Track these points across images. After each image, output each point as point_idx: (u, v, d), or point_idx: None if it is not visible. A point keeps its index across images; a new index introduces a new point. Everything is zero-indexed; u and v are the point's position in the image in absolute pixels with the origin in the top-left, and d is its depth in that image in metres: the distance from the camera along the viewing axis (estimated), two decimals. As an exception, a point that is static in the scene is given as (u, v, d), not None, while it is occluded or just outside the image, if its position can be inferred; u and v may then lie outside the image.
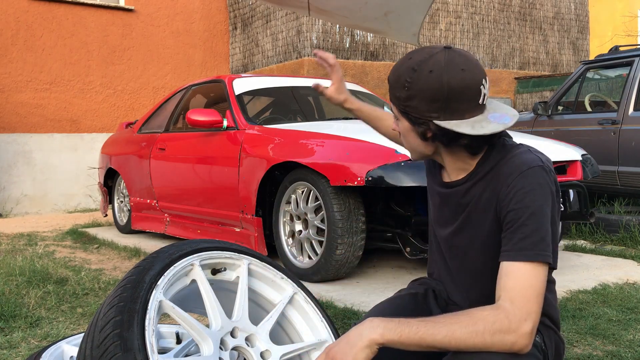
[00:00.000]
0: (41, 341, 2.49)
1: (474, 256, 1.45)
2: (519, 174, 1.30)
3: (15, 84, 8.23)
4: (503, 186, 1.32)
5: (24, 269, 3.60)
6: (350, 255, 3.45)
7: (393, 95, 1.40)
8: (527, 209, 1.27)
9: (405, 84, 1.34)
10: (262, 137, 4.01)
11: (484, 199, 1.38)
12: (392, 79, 1.39)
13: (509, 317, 1.18)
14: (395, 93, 1.38)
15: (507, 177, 1.32)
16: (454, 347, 1.18)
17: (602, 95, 6.30)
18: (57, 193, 8.47)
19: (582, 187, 3.66)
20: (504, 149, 1.40)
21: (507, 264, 1.25)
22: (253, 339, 1.47)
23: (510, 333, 1.17)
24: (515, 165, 1.33)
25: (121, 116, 8.94)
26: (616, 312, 2.81)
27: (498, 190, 1.34)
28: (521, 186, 1.29)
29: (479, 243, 1.43)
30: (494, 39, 9.76)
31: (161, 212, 5.15)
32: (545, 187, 1.29)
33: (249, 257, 1.58)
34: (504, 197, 1.31)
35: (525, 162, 1.32)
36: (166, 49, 9.30)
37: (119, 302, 1.25)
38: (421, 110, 1.32)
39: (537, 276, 1.23)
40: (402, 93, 1.35)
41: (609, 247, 4.56)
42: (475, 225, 1.42)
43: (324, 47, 8.13)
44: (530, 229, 1.25)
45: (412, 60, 1.34)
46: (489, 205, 1.37)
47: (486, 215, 1.38)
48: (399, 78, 1.37)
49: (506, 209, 1.30)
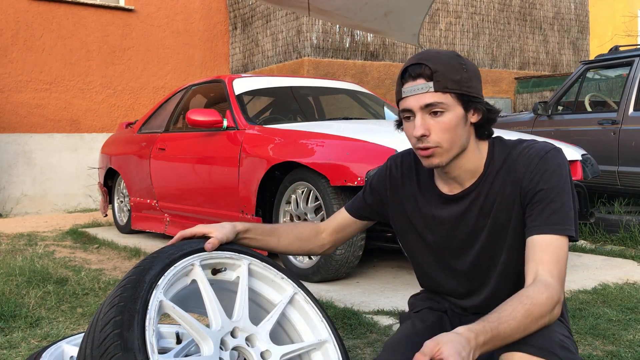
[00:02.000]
0: (41, 341, 2.49)
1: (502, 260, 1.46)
2: (540, 159, 1.40)
3: (15, 84, 8.23)
4: (526, 173, 1.40)
5: (24, 269, 3.60)
6: (350, 255, 3.45)
7: (450, 80, 1.38)
8: (554, 188, 1.37)
9: (462, 66, 1.40)
10: (262, 137, 4.01)
11: (506, 194, 1.44)
12: (443, 67, 1.38)
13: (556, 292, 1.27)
14: (453, 77, 1.38)
15: (528, 165, 1.40)
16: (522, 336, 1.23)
17: (602, 95, 6.30)
18: (57, 193, 8.47)
19: (582, 187, 3.66)
20: (506, 145, 1.48)
21: (539, 237, 1.34)
22: (253, 339, 1.47)
23: (557, 305, 1.27)
24: (532, 154, 1.42)
25: (121, 116, 8.94)
26: (616, 312, 2.81)
27: (520, 180, 1.41)
28: (545, 169, 1.39)
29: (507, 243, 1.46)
30: (494, 39, 9.76)
31: (161, 212, 5.15)
32: (563, 166, 1.41)
33: (249, 257, 1.57)
34: (529, 182, 1.39)
35: (541, 148, 1.42)
36: (166, 49, 9.30)
37: (119, 302, 1.24)
38: (478, 90, 1.42)
39: (565, 248, 1.34)
40: (463, 75, 1.39)
41: (609, 247, 4.56)
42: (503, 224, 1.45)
43: (324, 47, 8.13)
44: (557, 205, 1.35)
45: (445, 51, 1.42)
46: (513, 198, 1.43)
47: (512, 209, 1.43)
48: (451, 63, 1.39)
49: (534, 191, 1.38)
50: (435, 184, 1.54)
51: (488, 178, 1.46)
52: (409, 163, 1.62)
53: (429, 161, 1.42)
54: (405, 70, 1.42)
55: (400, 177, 1.62)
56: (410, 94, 1.40)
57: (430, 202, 1.54)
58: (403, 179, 1.61)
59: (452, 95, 1.39)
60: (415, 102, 1.40)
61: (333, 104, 5.74)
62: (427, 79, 1.39)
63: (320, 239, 1.72)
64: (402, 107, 1.43)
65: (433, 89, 1.38)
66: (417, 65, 1.40)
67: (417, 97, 1.39)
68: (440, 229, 1.53)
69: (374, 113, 5.12)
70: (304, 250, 1.72)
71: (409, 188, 1.59)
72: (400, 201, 1.61)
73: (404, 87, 1.42)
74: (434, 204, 1.54)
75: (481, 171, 1.47)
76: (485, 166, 1.47)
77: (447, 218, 1.51)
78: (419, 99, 1.39)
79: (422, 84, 1.39)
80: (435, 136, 1.39)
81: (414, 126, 1.41)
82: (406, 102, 1.41)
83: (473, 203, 1.48)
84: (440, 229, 1.53)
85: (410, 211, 1.58)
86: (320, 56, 8.11)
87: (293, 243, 1.69)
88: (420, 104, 1.39)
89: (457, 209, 1.50)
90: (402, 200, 1.60)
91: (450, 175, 1.48)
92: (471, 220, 1.48)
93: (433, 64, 1.38)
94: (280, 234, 1.67)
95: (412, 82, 1.40)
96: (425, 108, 1.39)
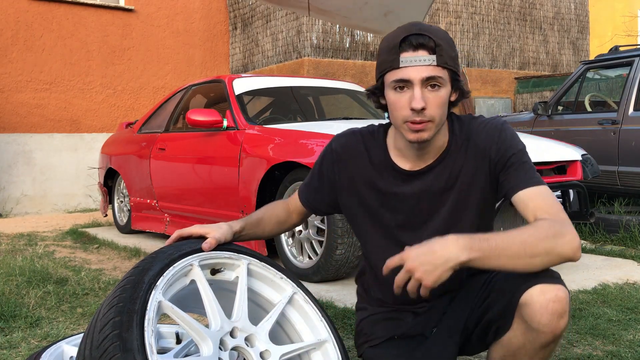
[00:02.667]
0: (41, 341, 2.49)
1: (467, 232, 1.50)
2: (500, 131, 1.49)
3: (15, 84, 8.23)
4: (492, 145, 1.48)
5: (24, 269, 3.60)
6: (350, 255, 3.45)
7: (448, 56, 1.39)
8: (522, 151, 1.48)
9: (454, 45, 1.43)
10: (262, 137, 4.00)
11: (471, 166, 1.49)
12: (444, 42, 1.38)
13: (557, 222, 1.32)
14: (451, 54, 1.40)
15: (491, 138, 1.48)
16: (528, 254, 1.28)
17: (602, 95, 6.29)
18: (57, 193, 8.47)
19: (582, 187, 3.65)
20: (463, 121, 1.54)
21: (526, 190, 1.41)
22: (252, 339, 1.47)
23: (565, 235, 1.30)
24: (490, 128, 1.50)
25: (121, 116, 8.93)
26: (616, 312, 2.81)
27: (487, 152, 1.48)
28: (507, 137, 1.48)
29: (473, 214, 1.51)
30: (494, 39, 9.76)
31: (161, 212, 5.15)
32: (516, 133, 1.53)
33: (248, 257, 1.57)
34: (497, 152, 1.47)
35: (496, 122, 1.52)
36: (166, 49, 9.30)
37: (118, 303, 1.24)
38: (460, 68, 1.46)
39: (551, 192, 1.43)
40: (456, 52, 1.43)
41: (609, 247, 4.55)
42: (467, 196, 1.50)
43: (324, 47, 8.13)
44: (528, 164, 1.46)
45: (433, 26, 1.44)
46: (479, 170, 1.48)
47: (477, 180, 1.49)
48: (447, 39, 1.40)
49: (506, 157, 1.46)
50: (393, 161, 1.53)
51: (451, 152, 1.50)
52: (356, 143, 1.59)
53: (419, 135, 1.41)
54: (405, 39, 1.38)
55: (349, 158, 1.59)
56: (411, 65, 1.37)
57: (389, 181, 1.54)
58: (354, 160, 1.58)
59: (448, 72, 1.40)
60: (417, 74, 1.37)
61: (333, 104, 5.74)
62: (430, 52, 1.37)
63: (292, 218, 1.77)
64: (399, 77, 1.39)
65: (436, 63, 1.37)
66: (420, 36, 1.37)
67: (419, 69, 1.37)
68: (401, 205, 1.53)
69: (374, 113, 5.12)
70: (282, 231, 1.79)
71: (362, 168, 1.57)
72: (352, 184, 1.59)
73: (403, 56, 1.37)
74: (393, 181, 1.53)
75: (445, 146, 1.50)
76: (449, 141, 1.50)
77: (410, 194, 1.52)
78: (421, 70, 1.36)
79: (425, 56, 1.36)
80: (430, 110, 1.39)
81: (412, 98, 1.38)
82: (405, 72, 1.38)
83: (438, 177, 1.50)
84: (403, 205, 1.53)
85: (365, 192, 1.57)
86: (320, 56, 8.10)
87: (274, 228, 1.74)
88: (422, 76, 1.37)
89: (420, 184, 1.51)
90: (355, 183, 1.58)
91: (422, 151, 1.49)
92: (435, 195, 1.51)
93: (436, 38, 1.37)
94: (265, 223, 1.71)
95: (413, 53, 1.37)
96: (425, 81, 1.37)
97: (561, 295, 1.29)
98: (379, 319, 1.64)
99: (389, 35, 1.43)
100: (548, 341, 1.32)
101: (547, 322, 1.28)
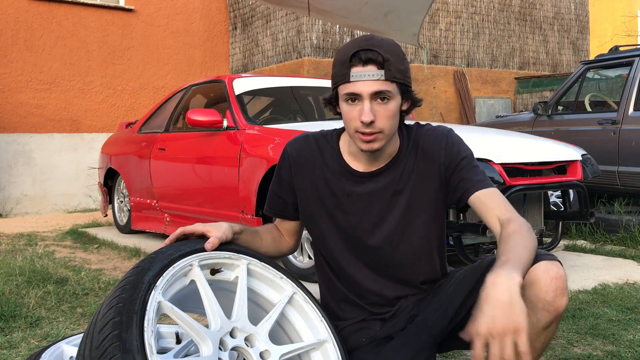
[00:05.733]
0: (41, 341, 2.49)
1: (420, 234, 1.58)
2: (447, 137, 1.58)
3: (15, 84, 8.23)
4: (441, 151, 1.56)
5: (24, 269, 3.60)
6: (350, 256, 3.45)
7: (396, 69, 1.43)
8: (470, 155, 1.57)
9: (404, 57, 1.47)
10: (262, 137, 4.00)
11: (420, 170, 1.55)
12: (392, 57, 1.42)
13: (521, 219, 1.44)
14: (399, 67, 1.44)
15: (439, 144, 1.57)
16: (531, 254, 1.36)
17: (602, 95, 6.29)
18: (57, 193, 8.47)
19: (582, 187, 3.65)
20: (411, 128, 1.62)
21: (480, 192, 1.51)
22: (252, 339, 1.46)
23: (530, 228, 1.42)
24: (438, 135, 1.59)
25: (121, 116, 8.94)
26: (616, 312, 2.81)
27: (437, 158, 1.55)
28: (456, 142, 1.58)
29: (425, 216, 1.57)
30: (494, 39, 9.76)
31: (161, 212, 5.15)
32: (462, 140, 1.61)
33: (248, 257, 1.57)
34: (447, 157, 1.55)
35: (443, 129, 1.60)
36: (166, 49, 9.30)
37: (118, 303, 1.24)
38: (410, 80, 1.50)
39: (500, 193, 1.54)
40: (406, 65, 1.47)
41: (609, 247, 4.55)
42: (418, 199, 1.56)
43: (324, 47, 8.13)
44: (478, 168, 1.56)
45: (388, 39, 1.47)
46: (429, 174, 1.55)
47: (427, 184, 1.56)
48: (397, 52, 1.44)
49: (456, 161, 1.55)
50: (346, 163, 1.59)
51: (401, 157, 1.57)
52: (310, 147, 1.64)
53: (370, 145, 1.48)
54: (355, 54, 1.43)
55: (305, 161, 1.63)
56: (360, 79, 1.43)
57: (343, 181, 1.59)
58: (309, 163, 1.63)
59: (396, 85, 1.45)
60: (366, 88, 1.43)
61: (333, 104, 5.73)
62: (378, 67, 1.42)
63: (284, 241, 1.77)
64: (350, 91, 1.45)
65: (384, 77, 1.42)
66: (369, 51, 1.42)
67: (368, 84, 1.43)
68: (354, 206, 1.58)
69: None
70: (278, 251, 1.75)
71: (317, 171, 1.61)
72: (308, 186, 1.63)
73: (353, 71, 1.44)
74: (347, 182, 1.58)
75: (396, 152, 1.57)
76: (400, 147, 1.57)
77: (362, 195, 1.57)
78: (370, 85, 1.43)
79: (374, 70, 1.42)
80: (380, 122, 1.45)
81: (361, 111, 1.44)
82: (355, 86, 1.44)
83: (388, 180, 1.56)
84: (355, 206, 1.58)
85: (322, 193, 1.61)
86: (320, 56, 8.11)
87: (271, 245, 1.72)
88: (371, 91, 1.43)
89: (372, 185, 1.57)
90: (312, 184, 1.62)
91: (374, 156, 1.55)
92: (386, 196, 1.56)
93: (384, 52, 1.42)
94: (262, 236, 1.70)
95: (361, 68, 1.43)
96: (374, 95, 1.43)
97: (561, 272, 1.35)
98: (350, 331, 1.64)
99: (342, 48, 1.49)
100: (551, 320, 1.34)
101: (552, 300, 1.32)
